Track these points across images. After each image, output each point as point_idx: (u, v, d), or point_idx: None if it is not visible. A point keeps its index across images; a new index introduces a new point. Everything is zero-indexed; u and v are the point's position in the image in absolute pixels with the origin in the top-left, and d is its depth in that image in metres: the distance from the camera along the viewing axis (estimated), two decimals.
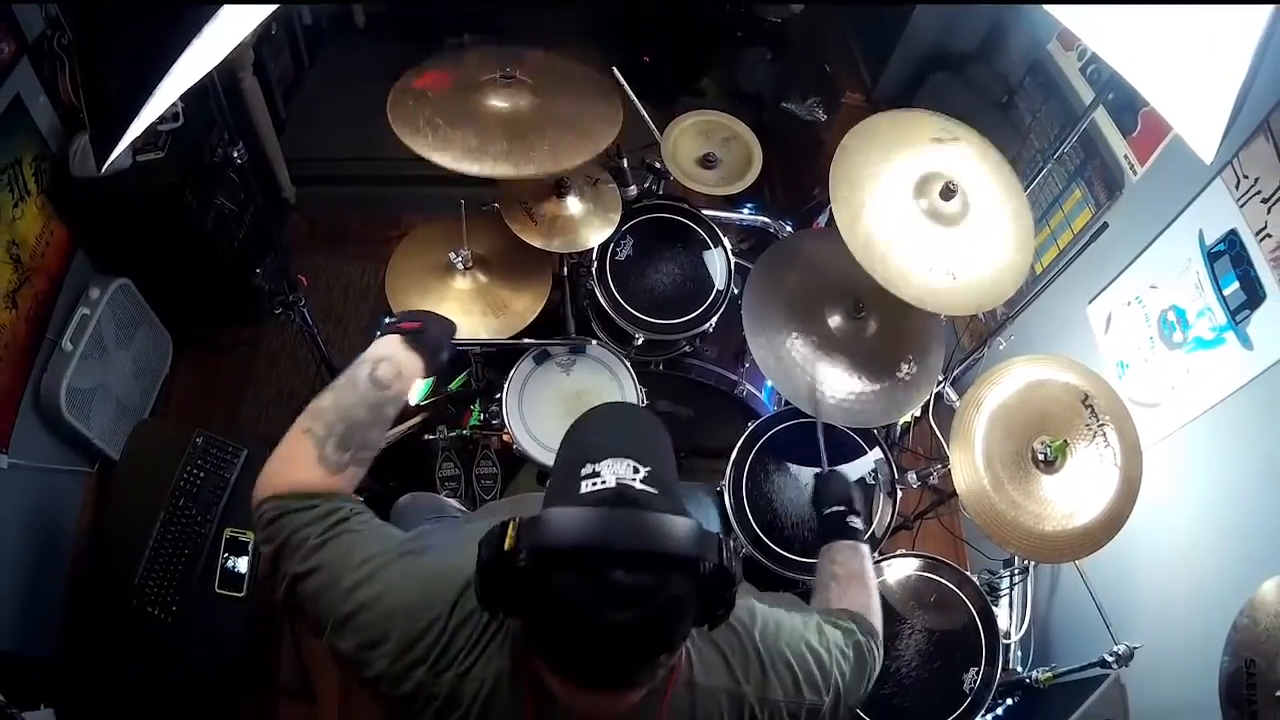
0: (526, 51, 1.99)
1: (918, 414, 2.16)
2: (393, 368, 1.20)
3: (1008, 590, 2.20)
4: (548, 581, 0.84)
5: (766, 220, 2.55)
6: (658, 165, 2.31)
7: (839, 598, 1.37)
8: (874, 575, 1.44)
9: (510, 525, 0.86)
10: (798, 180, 3.49)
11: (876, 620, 1.32)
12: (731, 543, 0.90)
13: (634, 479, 0.91)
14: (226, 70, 2.86)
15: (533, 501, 1.11)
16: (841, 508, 1.53)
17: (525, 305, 2.06)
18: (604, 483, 0.90)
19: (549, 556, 0.84)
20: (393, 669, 0.99)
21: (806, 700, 1.09)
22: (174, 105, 2.51)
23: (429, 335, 1.27)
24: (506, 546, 0.85)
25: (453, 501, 2.14)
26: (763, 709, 1.06)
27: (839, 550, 1.46)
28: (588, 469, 0.92)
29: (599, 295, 2.18)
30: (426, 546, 1.08)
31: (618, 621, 0.82)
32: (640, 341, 2.21)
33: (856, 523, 1.51)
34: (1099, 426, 1.81)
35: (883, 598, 1.93)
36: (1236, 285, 1.91)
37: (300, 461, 1.10)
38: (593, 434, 1.03)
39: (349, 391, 1.16)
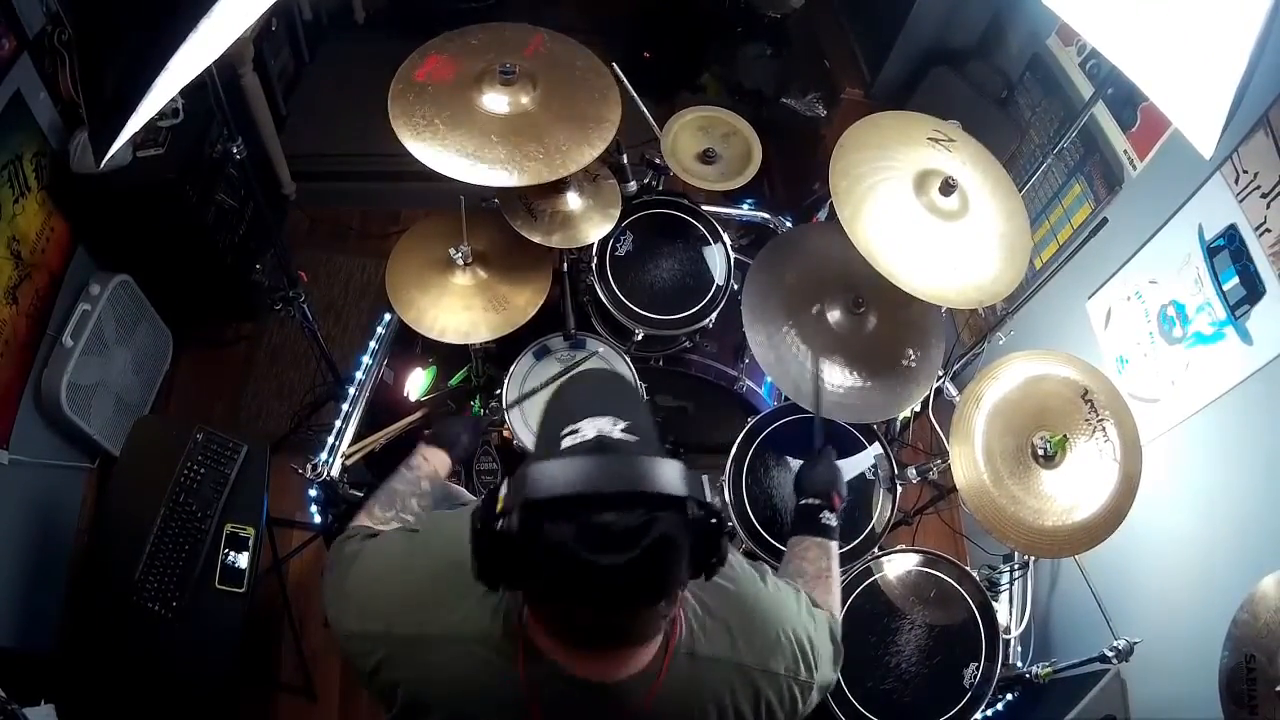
0: (529, 33, 2.00)
1: (917, 409, 2.16)
2: (420, 457, 1.53)
3: (1008, 585, 2.20)
4: (539, 534, 0.85)
5: (766, 215, 2.54)
6: (658, 161, 2.30)
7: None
8: (839, 575, 1.42)
9: (500, 489, 0.90)
10: (797, 176, 3.49)
11: (838, 617, 1.32)
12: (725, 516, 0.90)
13: (613, 429, 0.92)
14: (226, 66, 2.86)
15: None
16: (817, 500, 1.47)
17: (525, 301, 2.06)
18: (584, 436, 0.92)
19: (538, 508, 0.85)
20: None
21: (801, 675, 1.10)
22: (174, 101, 2.51)
23: (440, 433, 1.62)
24: (499, 508, 0.88)
25: (462, 489, 2.14)
26: (764, 680, 1.06)
27: (809, 547, 1.42)
28: (568, 428, 0.93)
29: (599, 291, 2.18)
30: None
31: (611, 565, 0.83)
32: (640, 337, 2.21)
33: (830, 519, 1.45)
34: (1099, 422, 1.81)
35: (882, 592, 1.96)
36: (1236, 280, 1.91)
37: (357, 520, 1.38)
38: (570, 398, 1.05)
39: (394, 476, 1.48)
